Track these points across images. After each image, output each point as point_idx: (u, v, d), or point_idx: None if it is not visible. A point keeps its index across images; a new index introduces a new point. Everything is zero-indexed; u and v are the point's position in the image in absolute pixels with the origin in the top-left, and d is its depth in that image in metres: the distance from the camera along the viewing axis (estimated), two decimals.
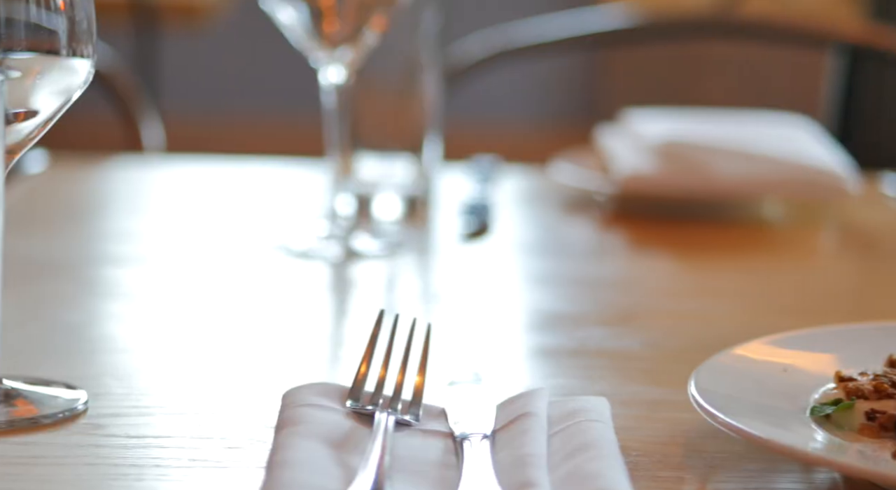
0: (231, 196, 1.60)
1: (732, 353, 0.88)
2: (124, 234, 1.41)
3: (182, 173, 1.74)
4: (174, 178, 1.70)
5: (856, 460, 0.74)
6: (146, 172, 1.73)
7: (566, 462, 0.75)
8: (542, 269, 1.33)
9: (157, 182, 1.68)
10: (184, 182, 1.68)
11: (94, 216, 1.54)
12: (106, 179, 1.70)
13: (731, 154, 1.48)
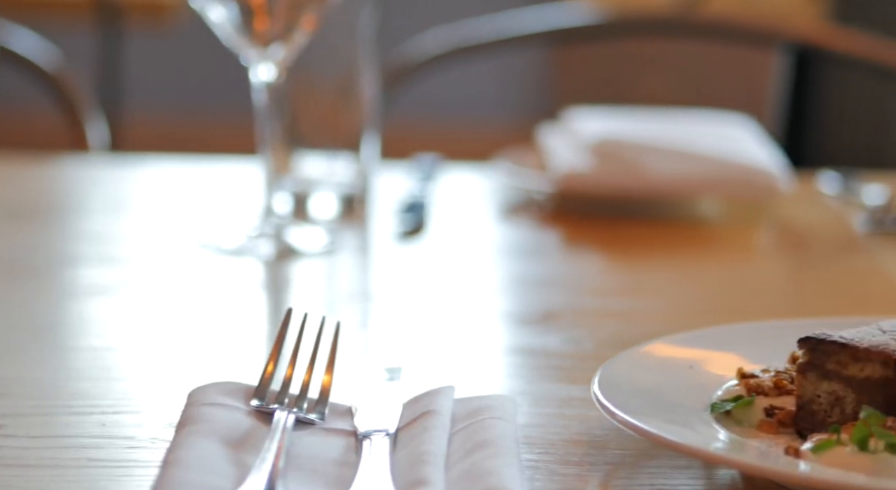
0: (173, 195, 1.60)
1: (639, 351, 0.89)
2: (62, 234, 1.41)
3: (128, 173, 1.73)
4: (119, 177, 1.70)
5: (745, 456, 0.74)
6: (90, 172, 1.72)
7: (464, 460, 0.75)
8: (474, 267, 1.34)
9: (101, 182, 1.68)
10: (128, 181, 1.68)
11: (33, 216, 1.54)
12: (48, 179, 1.70)
13: (665, 153, 1.49)
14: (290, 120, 1.48)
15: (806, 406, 0.80)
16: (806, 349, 0.80)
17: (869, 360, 0.78)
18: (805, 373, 0.80)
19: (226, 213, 1.47)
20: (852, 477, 0.71)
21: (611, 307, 1.22)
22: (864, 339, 0.79)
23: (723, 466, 0.77)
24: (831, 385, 0.79)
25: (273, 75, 1.30)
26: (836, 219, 1.50)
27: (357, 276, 1.32)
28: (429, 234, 1.44)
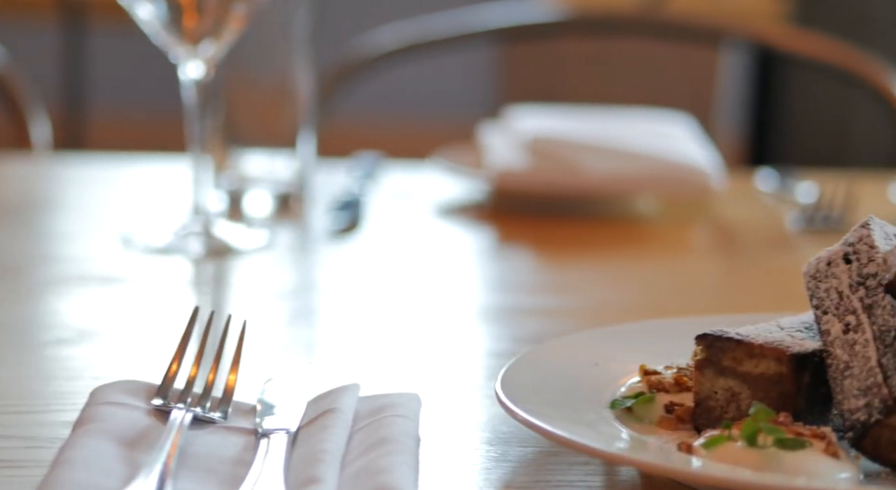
0: (109, 193, 1.60)
1: (546, 348, 0.89)
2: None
3: (68, 171, 1.73)
4: (58, 176, 1.70)
5: (630, 452, 0.74)
6: (30, 171, 1.72)
7: (361, 458, 0.75)
8: (405, 265, 1.34)
9: (40, 180, 1.67)
10: (68, 180, 1.67)
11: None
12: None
13: (600, 151, 1.49)
14: (227, 118, 1.48)
15: (703, 402, 0.80)
16: (703, 346, 0.80)
17: (763, 357, 0.79)
18: (702, 369, 0.80)
19: (160, 211, 1.47)
20: (738, 472, 0.71)
21: (539, 305, 1.22)
22: (760, 335, 0.80)
23: (612, 462, 0.77)
24: (727, 381, 0.80)
25: (202, 73, 1.30)
26: (770, 216, 1.51)
27: (286, 274, 1.32)
28: (363, 231, 1.44)
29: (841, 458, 0.73)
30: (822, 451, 0.72)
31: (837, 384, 0.76)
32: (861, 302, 0.77)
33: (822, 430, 0.74)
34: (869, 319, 0.76)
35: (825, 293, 0.80)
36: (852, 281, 0.79)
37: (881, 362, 0.74)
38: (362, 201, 1.51)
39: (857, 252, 0.80)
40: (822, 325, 0.78)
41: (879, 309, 0.76)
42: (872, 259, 0.79)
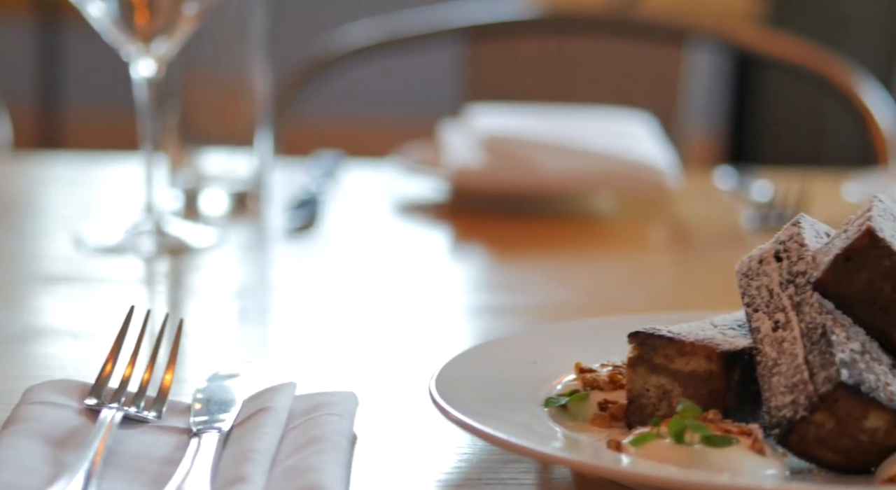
0: (64, 191, 1.60)
1: (485, 346, 0.89)
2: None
3: (24, 170, 1.72)
4: (25, 175, 1.69)
5: (560, 451, 0.74)
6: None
7: (292, 456, 0.75)
8: (359, 264, 1.34)
9: (4, 180, 1.67)
10: (24, 178, 1.67)
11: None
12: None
13: (556, 149, 1.49)
14: (184, 116, 1.48)
15: (636, 400, 0.80)
16: (635, 344, 0.80)
17: (694, 354, 0.79)
18: (634, 367, 0.80)
19: (115, 209, 1.47)
20: (661, 469, 0.71)
21: (493, 303, 1.22)
22: (691, 333, 0.80)
23: (538, 460, 0.77)
24: (659, 379, 0.80)
25: (154, 71, 1.29)
26: (726, 214, 1.51)
27: (239, 272, 1.32)
28: (319, 230, 1.44)
29: (767, 455, 0.73)
30: (749, 447, 0.73)
31: (766, 381, 0.76)
32: (790, 299, 0.78)
33: (749, 427, 0.74)
34: (797, 317, 0.76)
35: (756, 291, 0.80)
36: (782, 279, 0.79)
37: (808, 359, 0.74)
38: (320, 200, 1.51)
39: (787, 250, 0.80)
40: (753, 323, 0.79)
41: (807, 306, 0.76)
42: (802, 257, 0.79)
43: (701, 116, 4.40)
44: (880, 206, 0.78)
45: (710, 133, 4.14)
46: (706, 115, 4.30)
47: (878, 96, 1.97)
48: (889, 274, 0.75)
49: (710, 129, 4.14)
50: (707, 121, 4.30)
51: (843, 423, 0.72)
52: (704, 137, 4.35)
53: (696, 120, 4.66)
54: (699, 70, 4.17)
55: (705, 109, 4.34)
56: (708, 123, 4.26)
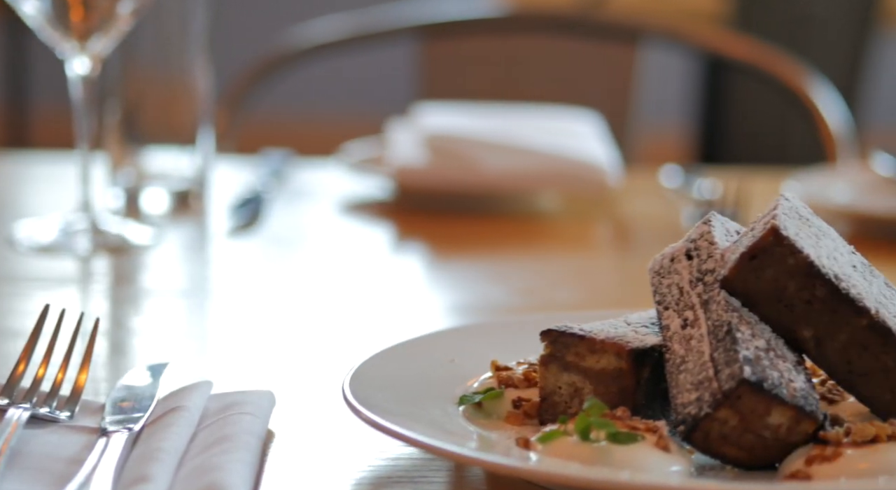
0: (12, 190, 1.59)
1: (405, 344, 0.89)
2: None
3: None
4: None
5: (459, 448, 0.74)
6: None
7: (199, 456, 0.75)
8: (298, 263, 1.34)
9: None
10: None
11: None
12: None
13: (498, 148, 1.49)
14: (125, 115, 1.47)
15: (548, 398, 0.80)
16: (547, 341, 0.80)
17: (604, 352, 0.79)
18: (547, 365, 0.80)
19: (52, 208, 1.46)
20: (566, 467, 0.71)
21: (430, 302, 1.22)
22: (603, 331, 0.80)
23: (438, 456, 0.77)
24: (571, 377, 0.80)
25: (90, 69, 1.29)
26: (668, 213, 1.51)
27: (175, 271, 1.32)
28: (261, 229, 1.44)
29: (672, 452, 0.73)
30: (654, 444, 0.73)
31: (673, 378, 0.76)
32: (699, 297, 0.78)
33: (655, 424, 0.74)
34: (705, 315, 0.77)
35: (667, 289, 0.80)
36: (692, 277, 0.79)
37: (713, 357, 0.74)
38: (264, 199, 1.50)
39: (698, 248, 0.80)
40: (663, 321, 0.79)
41: (715, 304, 0.77)
42: (711, 255, 0.79)
43: (672, 116, 4.42)
44: (786, 205, 0.78)
45: (681, 132, 4.15)
46: (678, 115, 4.32)
47: (828, 96, 1.98)
48: (793, 272, 0.75)
49: (681, 129, 4.15)
50: (679, 120, 4.31)
51: (746, 419, 0.72)
52: (675, 137, 4.36)
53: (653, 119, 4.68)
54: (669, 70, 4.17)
55: (677, 109, 4.36)
56: (679, 123, 4.27)
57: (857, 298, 0.74)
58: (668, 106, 4.58)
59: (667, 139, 4.52)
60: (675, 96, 4.50)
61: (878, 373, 0.74)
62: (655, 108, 4.71)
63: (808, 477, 0.71)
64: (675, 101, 4.48)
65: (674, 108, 4.50)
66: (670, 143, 4.46)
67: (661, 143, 4.49)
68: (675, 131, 4.38)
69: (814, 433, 0.73)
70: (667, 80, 4.54)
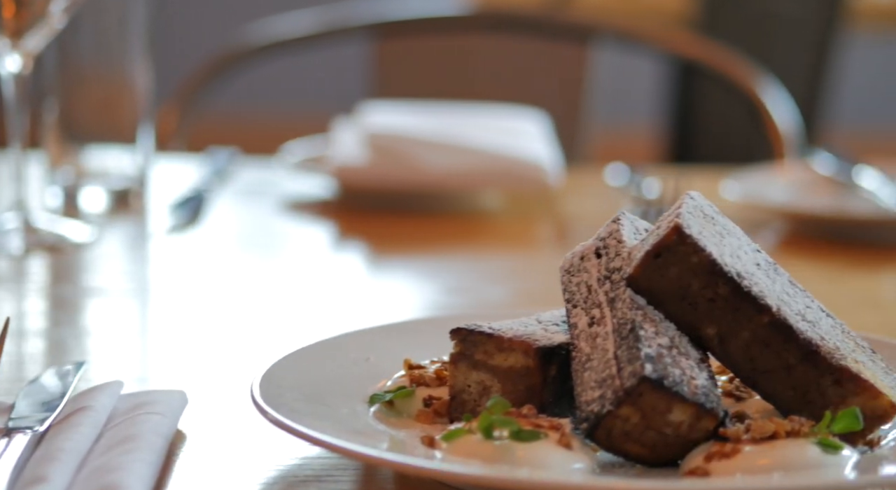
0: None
1: (322, 343, 0.89)
2: None
3: None
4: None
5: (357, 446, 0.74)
6: None
7: (102, 456, 0.75)
8: (235, 262, 1.33)
9: None
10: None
11: None
12: None
13: (438, 147, 1.49)
14: (64, 113, 1.47)
15: (458, 396, 0.80)
16: (457, 340, 0.80)
17: (512, 350, 0.79)
18: (456, 363, 0.80)
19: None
20: (466, 465, 0.71)
21: (364, 300, 1.22)
22: (512, 329, 0.80)
23: (343, 455, 0.76)
24: (480, 375, 0.80)
25: (21, 67, 1.28)
26: (610, 211, 1.51)
27: (110, 270, 1.31)
28: (201, 228, 1.43)
29: (574, 449, 0.73)
30: (556, 442, 0.73)
31: (578, 376, 0.76)
32: (606, 295, 0.78)
33: (559, 421, 0.74)
34: (611, 313, 0.77)
35: (576, 287, 0.80)
36: (601, 275, 0.79)
37: (616, 354, 0.74)
38: (205, 197, 1.50)
39: (606, 247, 0.81)
40: (571, 319, 0.79)
41: (620, 302, 0.77)
42: (619, 253, 0.79)
43: (647, 115, 4.43)
44: (690, 204, 0.78)
45: (654, 132, 4.16)
46: (652, 115, 4.33)
47: (778, 96, 1.98)
48: (696, 270, 0.75)
49: (655, 128, 4.16)
50: (653, 120, 4.32)
51: (648, 416, 0.72)
52: (648, 136, 4.37)
53: (627, 118, 4.67)
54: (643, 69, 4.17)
55: (652, 109, 4.37)
56: (653, 122, 4.28)
57: (759, 296, 0.75)
58: (643, 105, 4.59)
59: (640, 138, 4.53)
60: (650, 96, 4.51)
61: (780, 370, 0.75)
62: (629, 107, 4.73)
63: (707, 473, 0.71)
64: (650, 100, 4.50)
65: (649, 108, 4.51)
66: (643, 142, 4.47)
67: (633, 143, 4.51)
68: (649, 131, 4.40)
69: (714, 430, 0.73)
70: (640, 79, 4.55)
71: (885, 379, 0.76)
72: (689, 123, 3.76)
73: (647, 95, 4.50)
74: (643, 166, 1.66)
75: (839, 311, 1.11)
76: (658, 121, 4.30)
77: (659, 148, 4.17)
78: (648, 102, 4.48)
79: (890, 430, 0.76)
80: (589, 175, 1.73)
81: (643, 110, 4.54)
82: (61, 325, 1.12)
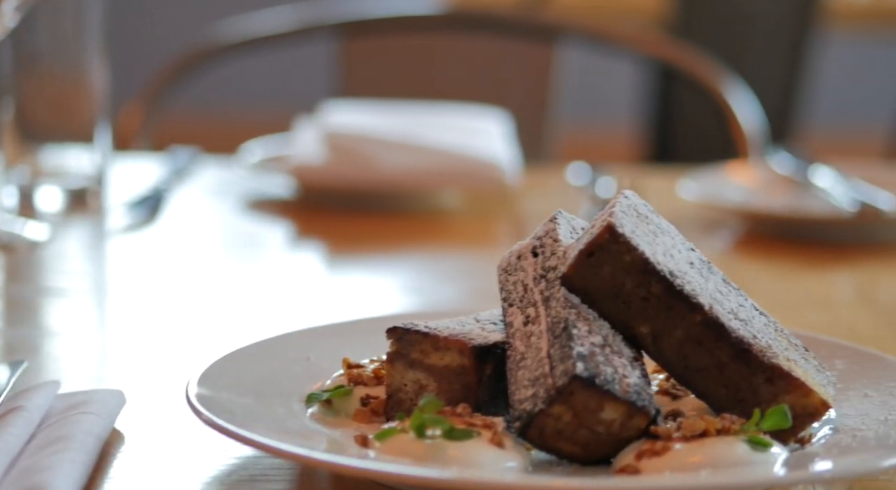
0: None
1: (261, 343, 0.89)
2: None
3: None
4: None
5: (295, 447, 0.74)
6: None
7: (33, 456, 0.75)
8: (190, 261, 1.33)
9: None
10: None
11: None
12: None
13: (396, 146, 1.49)
14: (20, 112, 1.46)
15: (394, 395, 0.80)
16: (393, 339, 0.80)
17: (448, 349, 0.79)
18: (393, 362, 0.80)
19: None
20: (394, 464, 0.71)
21: (316, 300, 1.22)
22: (448, 328, 0.80)
23: (273, 455, 0.76)
24: (416, 374, 0.80)
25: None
26: (569, 210, 1.51)
27: (64, 269, 1.31)
28: (159, 227, 1.43)
29: (507, 448, 0.73)
30: (489, 441, 0.73)
31: (513, 375, 0.76)
32: (542, 294, 0.78)
33: (492, 420, 0.74)
34: (546, 311, 0.77)
35: (513, 286, 0.80)
36: (537, 274, 0.79)
37: (549, 353, 0.74)
38: (163, 196, 1.50)
39: (543, 246, 0.81)
40: (507, 318, 0.79)
41: (555, 301, 0.77)
42: (555, 252, 0.79)
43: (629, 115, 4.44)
44: (624, 203, 0.78)
45: (633, 131, 4.17)
46: (632, 115, 4.34)
47: (742, 95, 1.99)
48: (629, 269, 0.75)
49: (633, 128, 4.17)
50: (631, 119, 4.33)
51: (579, 415, 0.72)
52: (627, 136, 4.38)
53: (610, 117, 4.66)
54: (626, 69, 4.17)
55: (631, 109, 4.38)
56: (631, 122, 4.30)
57: (692, 295, 0.75)
58: (623, 105, 4.60)
59: (621, 138, 4.54)
60: (629, 96, 4.52)
61: (713, 368, 0.75)
62: (609, 107, 4.74)
63: (637, 471, 0.71)
64: (629, 100, 4.51)
65: (630, 108, 4.52)
66: (623, 142, 4.48)
67: (613, 142, 4.51)
68: (629, 130, 4.41)
69: (646, 428, 0.73)
70: (620, 79, 4.56)
71: (817, 377, 0.76)
72: (665, 124, 3.77)
73: (626, 95, 4.51)
74: (605, 166, 1.66)
75: (788, 310, 1.12)
76: (636, 121, 4.32)
77: (635, 148, 4.18)
78: (628, 102, 4.49)
79: (821, 428, 0.76)
80: (552, 174, 1.73)
81: (623, 110, 4.55)
82: (16, 324, 1.12)
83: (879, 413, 0.76)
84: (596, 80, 4.58)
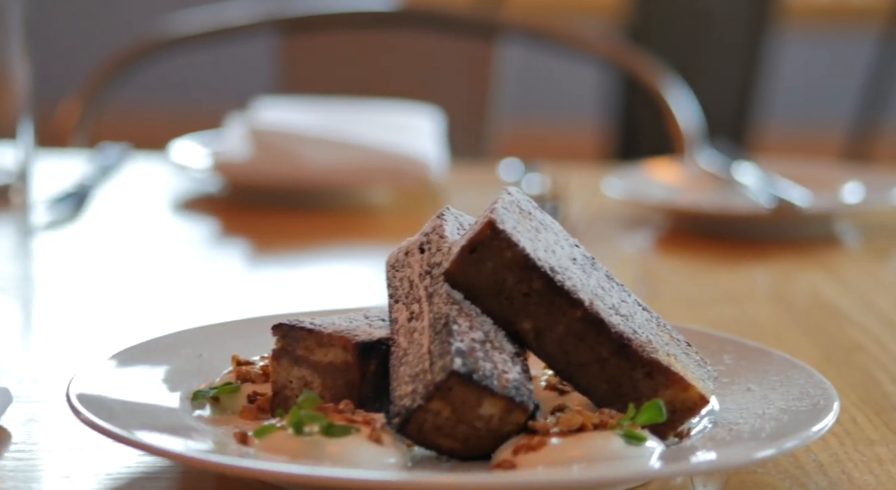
0: None
1: (153, 341, 0.88)
2: None
3: None
4: None
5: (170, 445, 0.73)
6: None
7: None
8: (111, 258, 1.32)
9: None
10: None
11: None
12: None
13: (322, 143, 1.49)
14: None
15: (280, 392, 0.80)
16: (279, 336, 0.80)
17: (332, 346, 0.79)
18: (278, 359, 0.80)
19: None
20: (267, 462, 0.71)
21: (236, 298, 1.21)
22: (333, 325, 0.80)
23: (150, 453, 0.76)
24: (301, 370, 0.79)
25: None
26: None
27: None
28: (83, 224, 1.42)
29: (385, 444, 0.73)
30: (367, 437, 0.72)
31: (395, 371, 0.76)
32: (426, 290, 0.78)
33: (372, 416, 0.74)
34: (429, 307, 0.77)
35: (399, 282, 0.80)
36: (422, 270, 0.79)
37: (430, 349, 0.74)
38: (88, 193, 1.49)
39: (429, 242, 0.81)
40: (393, 314, 0.79)
41: (437, 297, 0.77)
42: (440, 249, 0.79)
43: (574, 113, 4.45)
44: (507, 199, 0.78)
45: (601, 128, 4.18)
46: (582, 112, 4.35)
47: (679, 93, 1.99)
48: (511, 265, 0.75)
49: (601, 125, 4.18)
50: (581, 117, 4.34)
51: (458, 410, 0.72)
52: (577, 133, 4.38)
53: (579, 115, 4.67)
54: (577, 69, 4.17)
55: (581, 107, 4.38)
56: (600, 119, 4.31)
57: (573, 291, 0.75)
58: (575, 103, 4.61)
59: (573, 136, 4.55)
60: (580, 94, 4.54)
61: (594, 364, 0.75)
62: (562, 105, 4.74)
63: (514, 466, 0.71)
64: (585, 98, 4.52)
65: (580, 106, 4.53)
66: (586, 139, 4.49)
67: (564, 140, 4.52)
68: (580, 128, 4.42)
69: (525, 423, 0.73)
70: (573, 77, 4.57)
71: (698, 371, 0.76)
72: (614, 122, 3.78)
73: (575, 94, 4.51)
74: (537, 162, 1.66)
75: (697, 306, 1.12)
76: (584, 119, 4.33)
77: (587, 146, 4.18)
78: (577, 100, 4.50)
79: (701, 422, 0.76)
80: (484, 170, 1.73)
81: (573, 108, 4.56)
82: None
83: (758, 407, 0.76)
84: (544, 78, 4.58)
